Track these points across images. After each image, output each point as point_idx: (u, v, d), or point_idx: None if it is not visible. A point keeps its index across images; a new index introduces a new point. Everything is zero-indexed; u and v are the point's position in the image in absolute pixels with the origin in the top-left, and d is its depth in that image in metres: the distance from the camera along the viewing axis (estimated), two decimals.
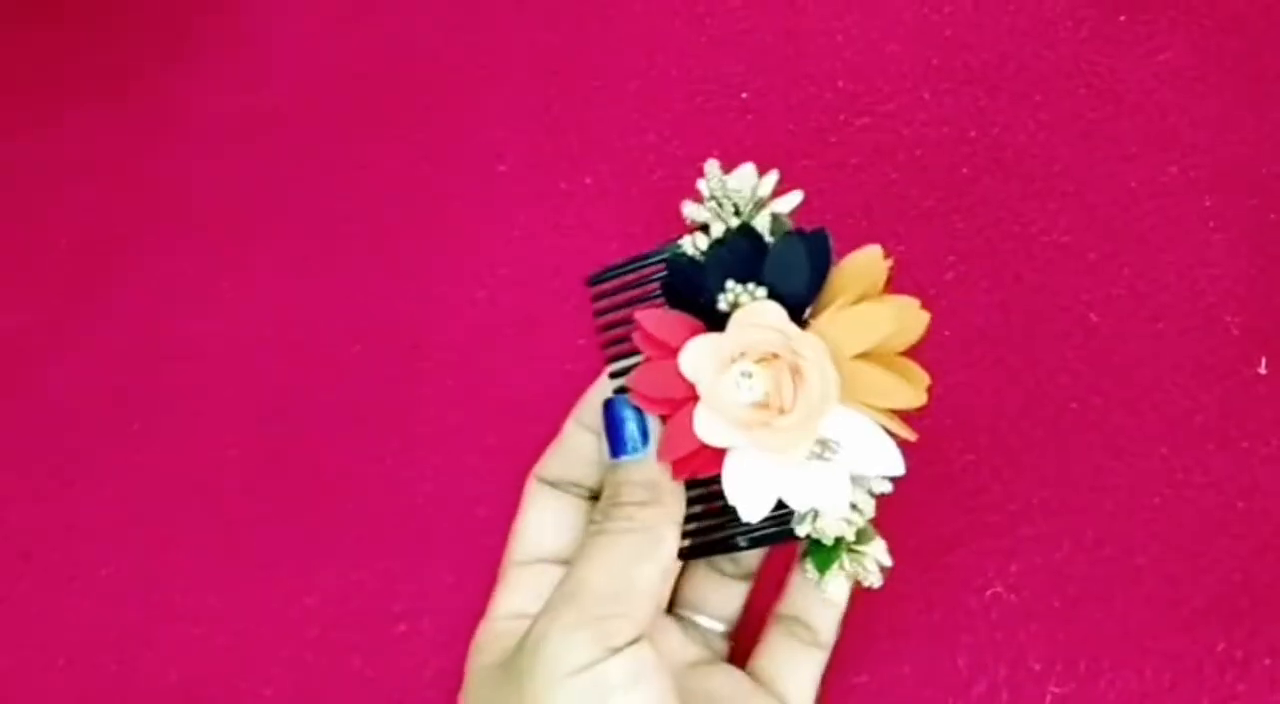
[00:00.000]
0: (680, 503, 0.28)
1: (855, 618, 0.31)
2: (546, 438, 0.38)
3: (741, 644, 0.32)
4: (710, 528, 0.29)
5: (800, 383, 0.25)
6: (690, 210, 0.28)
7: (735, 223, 0.27)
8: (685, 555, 0.28)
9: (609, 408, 0.28)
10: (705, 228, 0.28)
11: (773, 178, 0.28)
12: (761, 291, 0.26)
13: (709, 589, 0.32)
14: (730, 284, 0.26)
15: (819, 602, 0.30)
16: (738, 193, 0.28)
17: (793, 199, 0.28)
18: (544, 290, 0.41)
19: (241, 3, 0.51)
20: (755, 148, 0.28)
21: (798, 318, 0.26)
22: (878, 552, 0.28)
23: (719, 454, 0.27)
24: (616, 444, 0.28)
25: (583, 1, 0.47)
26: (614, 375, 0.29)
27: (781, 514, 0.27)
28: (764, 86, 0.43)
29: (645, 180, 0.42)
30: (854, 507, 0.27)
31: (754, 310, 0.26)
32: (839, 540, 0.28)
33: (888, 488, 0.27)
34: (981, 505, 0.35)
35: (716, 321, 0.26)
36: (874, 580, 0.28)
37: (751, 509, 0.26)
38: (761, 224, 0.27)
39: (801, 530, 0.28)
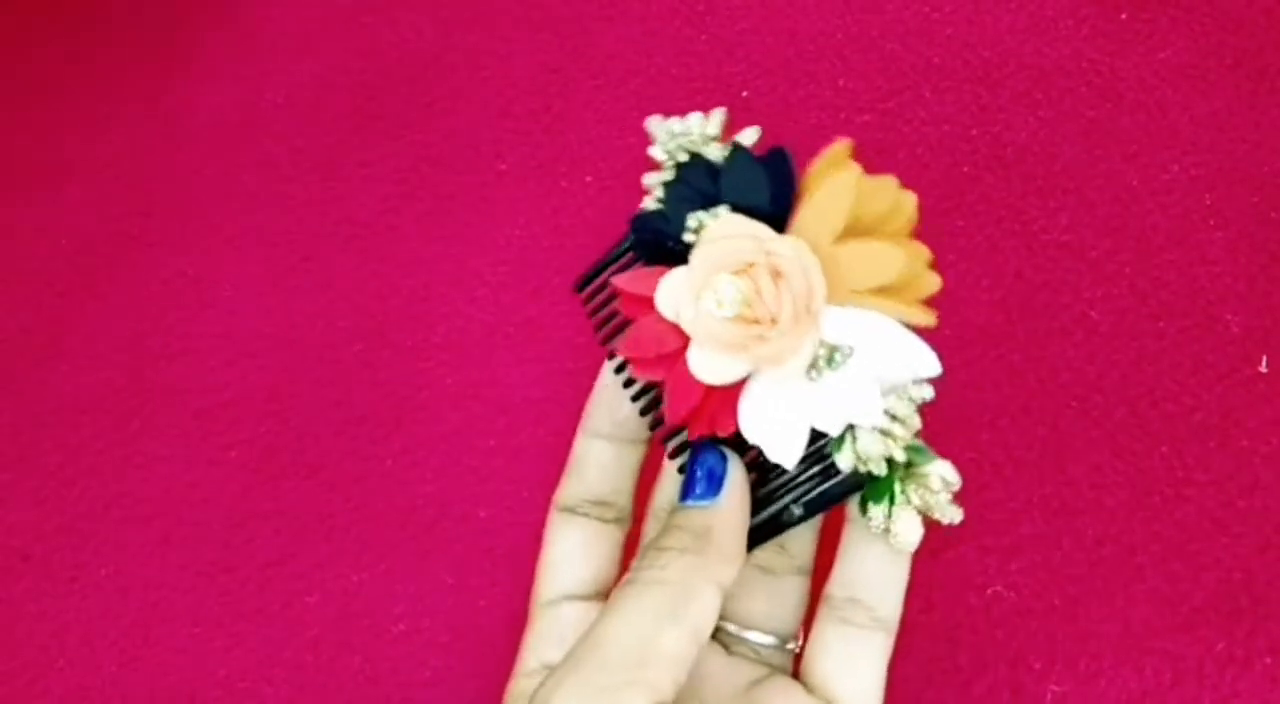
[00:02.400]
0: (728, 563, 0.24)
1: None
2: (547, 438, 0.38)
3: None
4: (754, 511, 0.26)
5: (782, 282, 0.23)
6: (649, 178, 0.27)
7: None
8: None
9: (693, 450, 0.26)
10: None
11: (719, 114, 0.26)
12: (724, 209, 0.24)
13: (755, 595, 0.28)
14: (692, 214, 0.25)
15: (878, 565, 0.26)
16: (685, 136, 0.26)
17: (750, 134, 0.26)
18: (544, 290, 0.41)
19: (241, 3, 0.51)
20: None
21: None
22: (942, 470, 0.24)
23: (731, 404, 0.24)
24: (687, 487, 0.25)
25: (583, 1, 0.47)
26: (619, 370, 0.29)
27: (825, 466, 0.25)
28: (764, 86, 0.43)
29: None
30: (894, 418, 0.24)
31: (717, 226, 0.24)
32: (892, 466, 0.25)
33: (928, 392, 0.24)
34: (982, 503, 0.35)
35: None
36: (949, 510, 0.24)
37: (780, 448, 0.24)
38: (713, 155, 0.26)
39: (844, 462, 0.24)
